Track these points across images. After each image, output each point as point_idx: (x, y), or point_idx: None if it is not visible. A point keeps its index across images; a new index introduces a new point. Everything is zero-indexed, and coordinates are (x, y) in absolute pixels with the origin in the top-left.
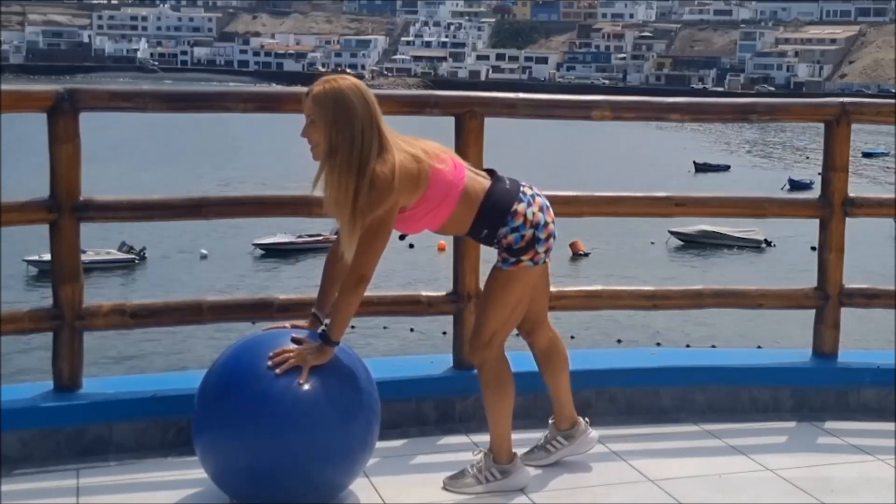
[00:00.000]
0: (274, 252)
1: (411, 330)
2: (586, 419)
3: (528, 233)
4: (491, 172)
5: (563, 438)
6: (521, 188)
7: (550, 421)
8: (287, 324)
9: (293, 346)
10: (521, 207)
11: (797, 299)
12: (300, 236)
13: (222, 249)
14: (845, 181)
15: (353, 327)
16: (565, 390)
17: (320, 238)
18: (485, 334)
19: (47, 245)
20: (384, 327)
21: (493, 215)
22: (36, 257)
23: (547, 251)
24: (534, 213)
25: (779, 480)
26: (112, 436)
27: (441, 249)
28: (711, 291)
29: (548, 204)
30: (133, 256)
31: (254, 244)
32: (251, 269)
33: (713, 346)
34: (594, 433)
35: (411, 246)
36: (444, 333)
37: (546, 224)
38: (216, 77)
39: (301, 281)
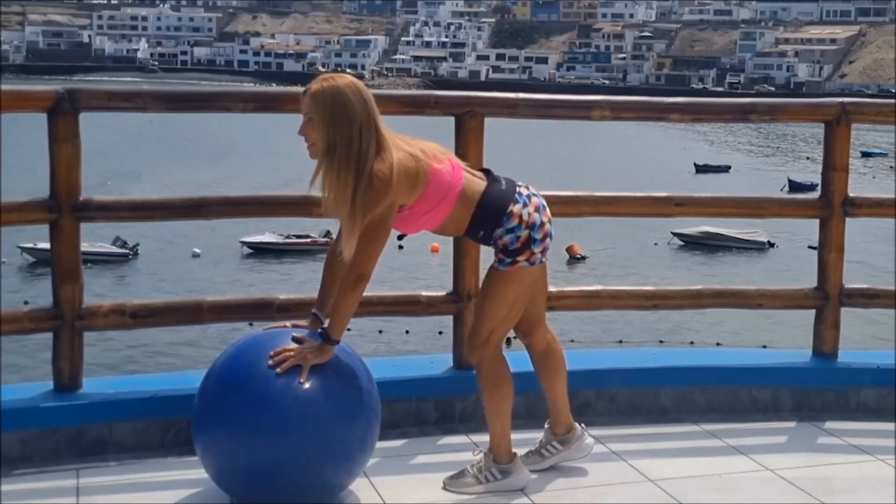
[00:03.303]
0: (261, 251)
1: (406, 332)
2: (583, 424)
3: (524, 234)
4: (486, 172)
5: (559, 443)
6: (518, 188)
7: (546, 425)
8: (287, 323)
9: (293, 346)
10: (516, 208)
11: (797, 299)
12: (288, 237)
13: (212, 248)
14: (845, 181)
15: (349, 329)
16: (562, 395)
17: (308, 241)
18: (482, 333)
19: (41, 234)
20: (380, 331)
21: (489, 216)
22: (31, 244)
23: (543, 251)
24: (529, 214)
25: (779, 480)
26: (112, 436)
27: (434, 251)
28: (711, 291)
29: (544, 204)
30: (126, 251)
31: (241, 241)
32: (240, 268)
33: (718, 344)
34: (590, 439)
35: (401, 247)
36: (441, 333)
37: (542, 224)
38: (217, 77)
39: (295, 285)
